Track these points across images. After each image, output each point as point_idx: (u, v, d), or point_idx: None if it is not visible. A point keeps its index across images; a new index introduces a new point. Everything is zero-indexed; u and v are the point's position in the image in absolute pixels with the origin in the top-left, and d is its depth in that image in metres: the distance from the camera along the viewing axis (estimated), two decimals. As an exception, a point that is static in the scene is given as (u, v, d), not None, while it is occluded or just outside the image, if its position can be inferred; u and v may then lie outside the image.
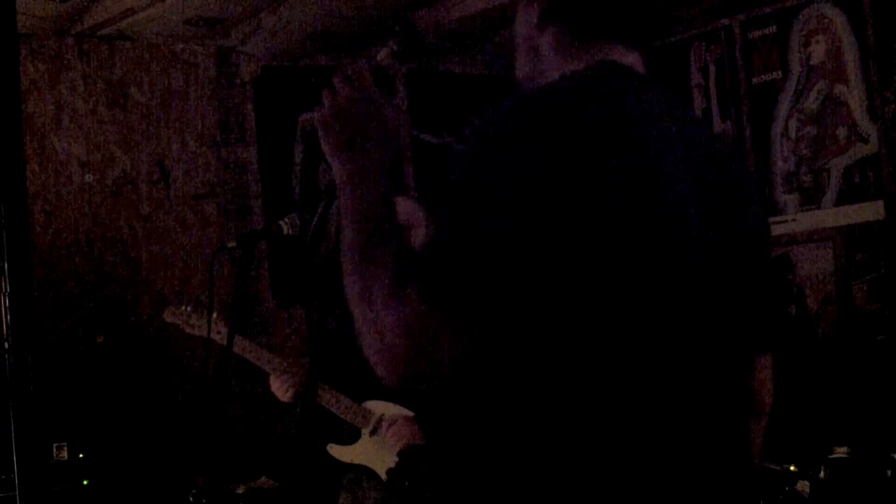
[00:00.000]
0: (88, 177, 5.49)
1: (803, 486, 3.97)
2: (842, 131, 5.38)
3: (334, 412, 3.63)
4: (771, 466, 3.89)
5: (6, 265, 1.77)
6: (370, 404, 3.65)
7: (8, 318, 1.77)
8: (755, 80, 5.68)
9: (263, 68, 5.96)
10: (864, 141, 5.30)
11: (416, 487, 3.46)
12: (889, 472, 4.07)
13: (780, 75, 5.58)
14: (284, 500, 4.79)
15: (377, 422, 3.62)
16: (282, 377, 3.67)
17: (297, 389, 3.63)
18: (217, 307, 3.73)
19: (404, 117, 6.13)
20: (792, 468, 3.98)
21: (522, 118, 1.49)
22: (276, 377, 3.68)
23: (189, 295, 5.60)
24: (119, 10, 5.23)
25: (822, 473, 4.07)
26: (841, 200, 5.38)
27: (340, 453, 3.66)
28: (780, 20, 5.57)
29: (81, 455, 4.81)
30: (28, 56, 5.33)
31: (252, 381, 4.46)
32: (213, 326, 3.62)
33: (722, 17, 5.75)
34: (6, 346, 1.78)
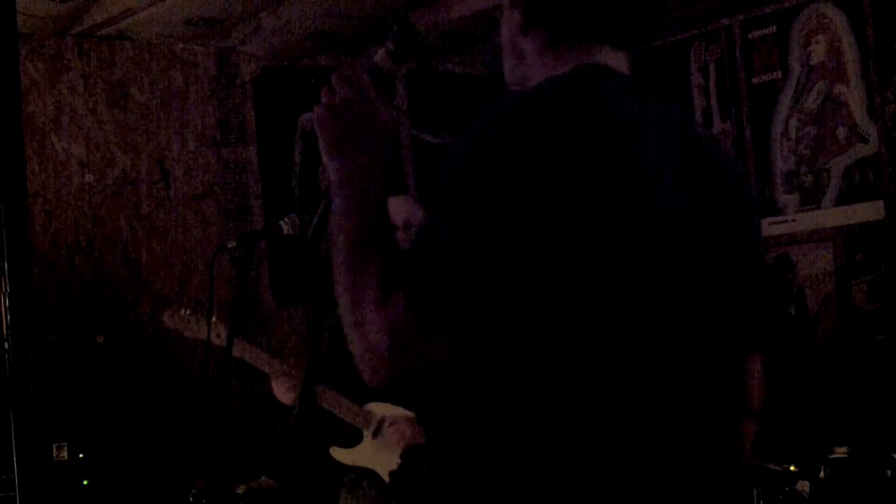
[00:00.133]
0: (88, 177, 5.49)
1: (803, 486, 3.97)
2: (842, 131, 5.38)
3: (336, 414, 3.63)
4: (771, 466, 3.89)
5: (6, 265, 1.76)
6: (371, 406, 3.65)
7: (8, 318, 1.77)
8: (755, 80, 5.68)
9: (263, 68, 5.95)
10: (864, 141, 5.30)
11: (418, 488, 3.46)
12: (889, 472, 4.07)
13: (780, 75, 5.58)
14: (284, 500, 4.78)
15: (378, 423, 3.62)
16: (282, 379, 3.67)
17: (298, 392, 3.63)
18: (216, 309, 3.72)
19: (404, 117, 6.13)
20: (792, 468, 3.98)
21: (506, 123, 1.50)
22: (277, 380, 3.68)
23: (189, 295, 5.60)
24: (119, 10, 5.22)
25: (822, 473, 4.07)
26: (841, 200, 5.38)
27: (342, 456, 3.66)
28: (780, 20, 5.56)
29: (81, 455, 4.81)
30: (28, 56, 5.33)
31: (252, 381, 4.45)
32: (212, 329, 3.61)
33: (722, 17, 5.75)
34: (6, 346, 1.78)
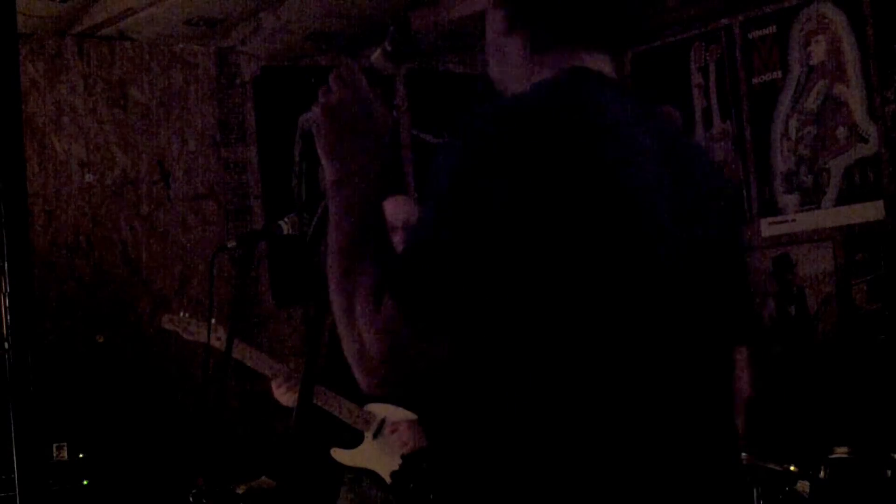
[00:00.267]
0: (88, 177, 5.49)
1: (803, 486, 3.96)
2: (842, 131, 5.38)
3: (337, 416, 3.62)
4: (771, 466, 3.88)
5: (6, 265, 1.76)
6: (372, 407, 3.64)
7: (8, 318, 1.77)
8: (755, 80, 5.68)
9: (263, 68, 5.95)
10: (864, 141, 5.30)
11: (419, 489, 3.46)
12: (889, 472, 4.06)
13: (780, 75, 5.58)
14: (284, 500, 4.78)
15: (380, 425, 3.62)
16: (282, 381, 3.67)
17: (297, 393, 3.62)
18: (216, 310, 3.71)
19: (404, 117, 6.13)
20: (792, 468, 3.97)
21: (506, 124, 1.49)
22: (278, 382, 3.67)
23: (189, 295, 5.61)
24: (119, 10, 5.23)
25: (822, 473, 4.07)
26: (841, 200, 5.38)
27: (343, 457, 3.66)
28: (780, 20, 5.56)
29: (81, 455, 4.81)
30: (28, 56, 5.33)
31: (252, 381, 4.46)
32: (212, 332, 3.60)
33: (722, 17, 5.75)
34: (6, 346, 1.78)
